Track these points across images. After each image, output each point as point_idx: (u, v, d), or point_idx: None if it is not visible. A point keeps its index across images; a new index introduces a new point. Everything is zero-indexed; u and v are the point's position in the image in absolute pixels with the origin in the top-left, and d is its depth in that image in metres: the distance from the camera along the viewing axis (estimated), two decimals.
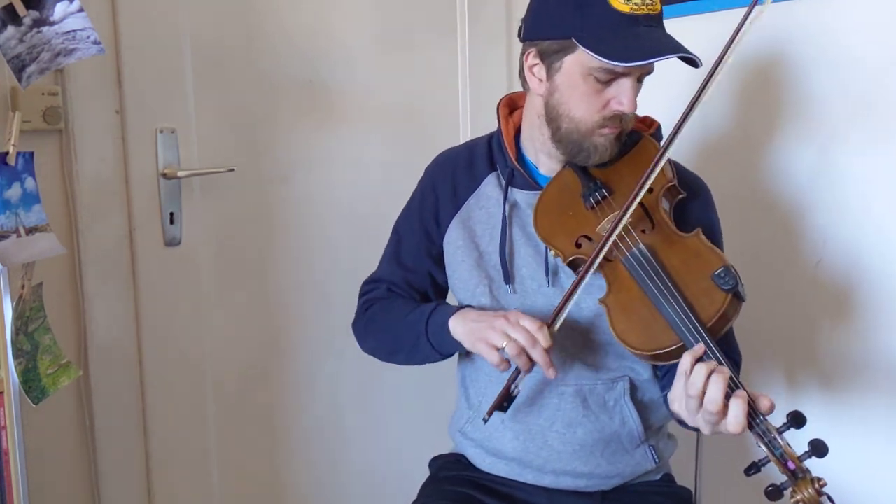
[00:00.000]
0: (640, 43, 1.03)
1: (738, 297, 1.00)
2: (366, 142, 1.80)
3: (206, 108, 1.56)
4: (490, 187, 1.23)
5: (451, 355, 1.21)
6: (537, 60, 1.13)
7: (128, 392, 1.52)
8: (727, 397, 0.93)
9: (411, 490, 1.30)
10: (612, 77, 1.07)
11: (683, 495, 1.26)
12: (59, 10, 1.09)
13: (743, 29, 1.03)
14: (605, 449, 1.19)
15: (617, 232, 1.06)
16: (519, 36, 1.16)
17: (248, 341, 1.68)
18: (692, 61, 1.05)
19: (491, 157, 1.25)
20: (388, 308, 1.27)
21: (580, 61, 1.07)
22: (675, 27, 1.66)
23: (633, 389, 1.19)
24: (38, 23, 1.08)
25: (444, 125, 1.96)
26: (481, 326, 1.09)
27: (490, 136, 1.28)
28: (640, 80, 1.10)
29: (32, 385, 1.17)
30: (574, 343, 1.17)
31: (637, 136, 1.18)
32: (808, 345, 1.55)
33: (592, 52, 1.04)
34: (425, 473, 1.35)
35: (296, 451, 1.77)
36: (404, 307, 1.25)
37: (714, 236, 1.18)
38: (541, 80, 1.13)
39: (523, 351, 1.05)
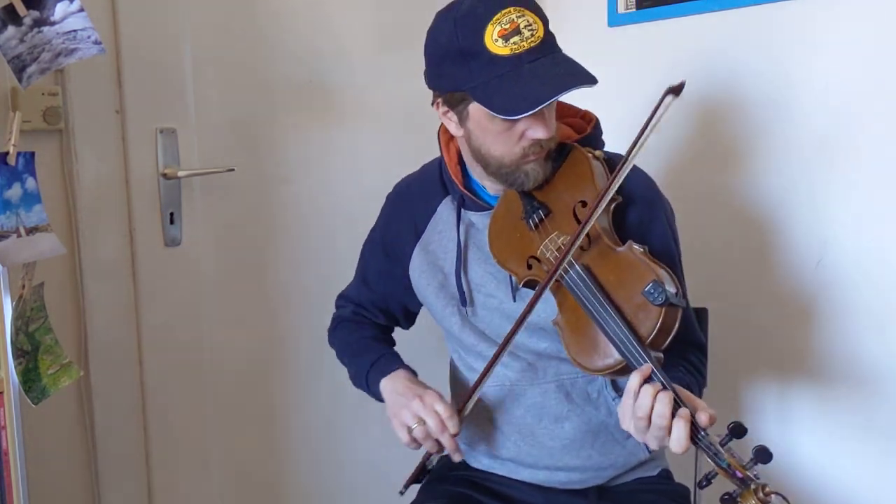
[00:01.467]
0: (528, 87, 1.02)
1: (673, 307, 0.99)
2: (365, 142, 1.80)
3: (206, 108, 1.56)
4: (445, 212, 1.25)
5: None
6: (446, 108, 1.13)
7: (128, 392, 1.52)
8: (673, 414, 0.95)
9: (410, 491, 1.30)
10: None
11: (681, 492, 1.26)
12: (59, 10, 1.09)
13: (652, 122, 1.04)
14: (595, 440, 1.20)
15: (556, 275, 1.06)
16: (427, 83, 1.16)
17: (248, 341, 1.68)
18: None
19: (443, 181, 1.27)
20: (347, 338, 1.34)
21: (482, 107, 1.06)
22: (674, 27, 1.67)
23: (615, 379, 1.20)
24: (39, 23, 1.08)
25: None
26: (399, 402, 1.16)
27: (440, 161, 1.28)
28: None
29: (32, 385, 1.17)
30: (548, 343, 1.18)
31: (567, 148, 1.16)
32: (804, 346, 1.55)
33: (484, 106, 1.04)
34: None
35: (296, 451, 1.77)
36: (358, 344, 1.31)
37: (658, 235, 1.17)
38: (457, 125, 1.14)
39: (429, 435, 1.12)
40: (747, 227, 1.60)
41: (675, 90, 1.03)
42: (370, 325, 1.35)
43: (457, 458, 1.13)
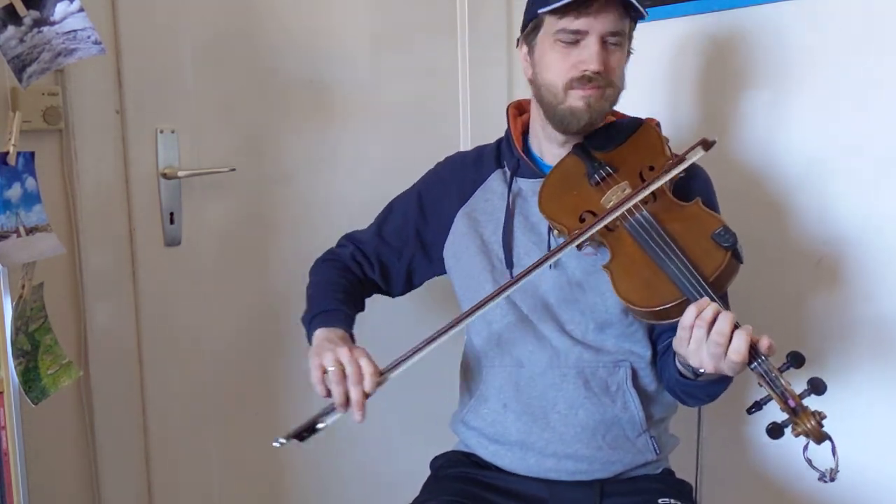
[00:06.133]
0: None
1: (736, 255, 1.04)
2: (366, 142, 1.80)
3: (206, 108, 1.56)
4: (495, 182, 1.31)
5: None
6: (523, 45, 1.26)
7: (128, 392, 1.51)
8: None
9: (412, 489, 1.30)
10: (576, 39, 1.16)
11: (684, 487, 1.27)
12: (59, 9, 1.09)
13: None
14: (607, 433, 1.21)
15: (625, 208, 1.11)
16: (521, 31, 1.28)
17: (248, 341, 1.68)
18: (635, 8, 1.16)
19: (499, 155, 1.33)
20: (325, 275, 1.34)
21: (547, 32, 1.19)
22: (674, 27, 1.67)
23: (636, 377, 1.22)
24: (39, 23, 1.09)
25: (444, 125, 1.96)
26: (325, 346, 1.13)
27: (499, 140, 1.36)
28: (605, 44, 1.17)
29: (32, 385, 1.17)
30: (575, 325, 1.21)
31: (639, 121, 1.26)
32: (806, 343, 1.55)
33: (546, 9, 1.16)
34: (426, 473, 1.35)
35: (296, 451, 1.75)
36: (328, 287, 1.30)
37: (714, 207, 1.23)
38: (527, 62, 1.25)
39: (343, 381, 1.08)
40: (747, 225, 1.60)
41: (707, 145, 1.13)
42: (356, 277, 1.35)
43: (357, 417, 1.09)
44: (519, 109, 1.36)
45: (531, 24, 1.22)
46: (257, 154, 1.65)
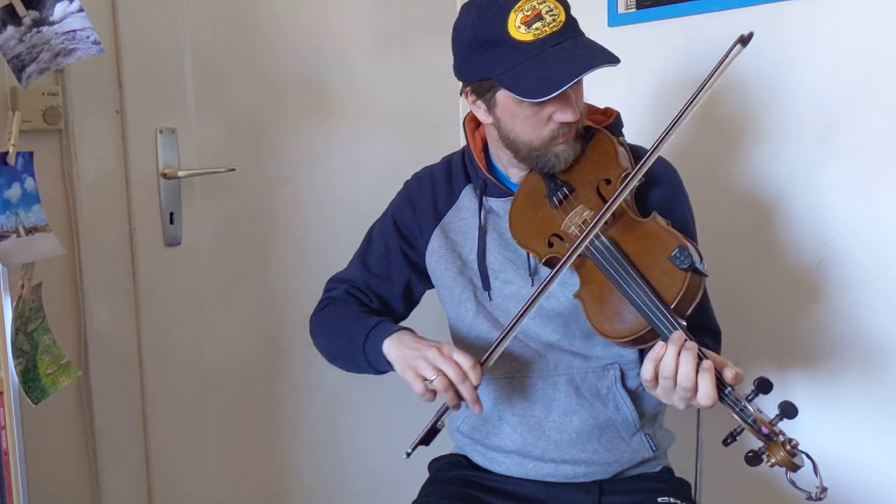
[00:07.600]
0: (552, 70, 1.05)
1: (697, 273, 1.01)
2: (366, 141, 1.80)
3: (206, 108, 1.56)
4: (467, 199, 1.27)
5: (385, 372, 1.19)
6: (475, 97, 1.16)
7: (128, 392, 1.52)
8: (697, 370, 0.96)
9: (411, 491, 1.30)
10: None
11: (683, 486, 1.27)
12: (58, 10, 1.09)
13: (718, 70, 1.07)
14: (602, 436, 1.21)
15: (584, 243, 1.08)
16: (455, 74, 1.19)
17: (248, 341, 1.68)
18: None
19: (466, 170, 1.29)
20: (338, 313, 1.28)
21: (509, 93, 1.09)
22: (674, 27, 1.67)
23: (624, 377, 1.21)
24: (38, 23, 1.09)
25: (443, 125, 1.96)
26: (413, 355, 1.08)
27: (463, 151, 1.31)
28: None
29: (32, 385, 1.17)
30: (560, 335, 1.20)
31: (591, 130, 1.20)
32: (805, 340, 1.55)
33: (511, 91, 1.07)
34: (425, 475, 1.35)
35: (296, 452, 1.77)
36: (352, 316, 1.25)
37: (679, 217, 1.19)
38: (486, 113, 1.17)
39: (451, 385, 1.05)
40: (747, 226, 1.60)
41: (744, 40, 1.05)
42: (363, 305, 1.31)
43: (476, 410, 1.07)
44: (475, 122, 1.28)
45: (485, 84, 1.12)
46: (257, 154, 1.65)
